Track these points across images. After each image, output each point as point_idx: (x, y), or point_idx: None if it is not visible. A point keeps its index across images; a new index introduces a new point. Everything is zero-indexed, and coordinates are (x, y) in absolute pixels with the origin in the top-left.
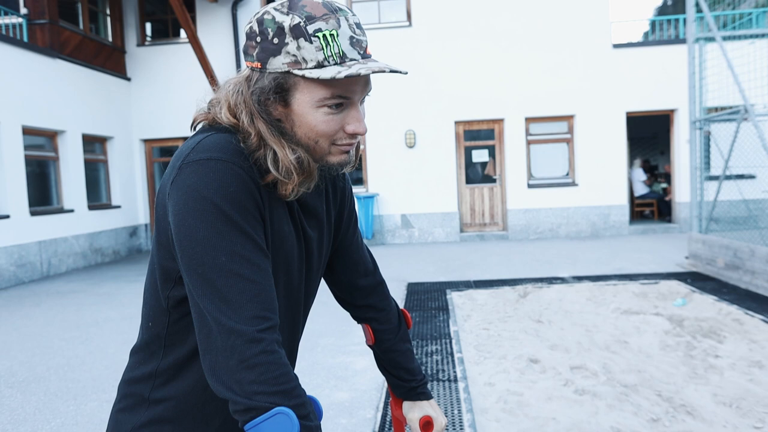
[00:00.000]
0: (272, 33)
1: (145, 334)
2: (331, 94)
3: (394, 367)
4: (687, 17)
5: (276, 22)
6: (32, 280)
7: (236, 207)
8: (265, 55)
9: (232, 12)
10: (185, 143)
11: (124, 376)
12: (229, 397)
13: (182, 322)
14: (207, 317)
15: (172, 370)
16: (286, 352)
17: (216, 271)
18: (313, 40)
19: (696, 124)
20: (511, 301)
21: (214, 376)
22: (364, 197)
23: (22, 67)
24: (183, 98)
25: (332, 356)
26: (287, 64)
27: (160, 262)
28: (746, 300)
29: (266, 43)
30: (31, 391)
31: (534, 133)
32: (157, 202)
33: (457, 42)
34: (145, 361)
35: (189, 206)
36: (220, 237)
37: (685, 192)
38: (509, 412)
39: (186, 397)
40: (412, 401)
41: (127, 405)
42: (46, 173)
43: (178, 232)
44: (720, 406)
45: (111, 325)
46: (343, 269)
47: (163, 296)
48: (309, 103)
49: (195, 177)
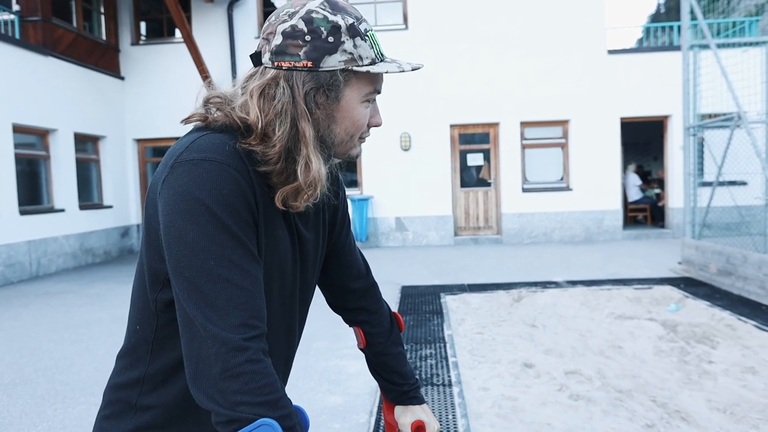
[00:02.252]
0: (326, 32)
1: (133, 338)
2: (374, 89)
3: (386, 370)
4: (682, 24)
5: (329, 21)
6: (21, 280)
7: (228, 210)
8: (319, 53)
9: (228, 13)
10: (179, 141)
11: (110, 382)
12: (211, 407)
13: (171, 326)
14: (192, 322)
15: (160, 375)
16: (283, 359)
17: (204, 275)
18: (366, 39)
19: (690, 130)
20: (506, 305)
21: (195, 384)
22: (359, 199)
23: (14, 64)
24: (177, 98)
25: (326, 360)
26: (344, 61)
27: (149, 262)
28: (739, 306)
29: (320, 42)
30: (18, 394)
31: (529, 137)
32: (148, 200)
33: (453, 45)
34: (132, 366)
35: (179, 207)
36: (210, 240)
37: (678, 198)
38: (504, 417)
39: (175, 404)
40: (404, 405)
41: (113, 411)
42: (37, 172)
43: (167, 233)
44: (714, 412)
45: (101, 327)
46: (336, 272)
47: (152, 299)
48: (357, 99)
49: (187, 177)
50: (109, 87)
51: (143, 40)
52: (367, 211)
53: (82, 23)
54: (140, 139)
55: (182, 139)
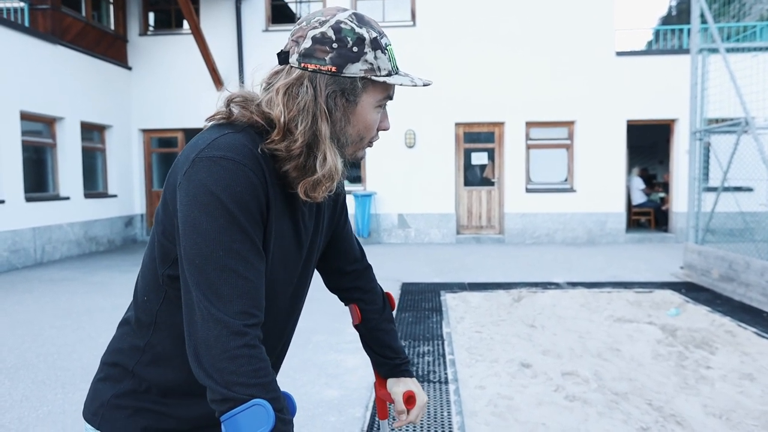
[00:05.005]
0: (352, 42)
1: (138, 308)
2: (386, 96)
3: (379, 345)
4: (691, 28)
5: (356, 33)
6: (25, 267)
7: (240, 207)
8: (343, 61)
9: (236, 5)
10: (201, 136)
11: (109, 347)
12: (208, 384)
13: (176, 302)
14: (197, 305)
15: (160, 347)
16: (278, 346)
17: (212, 263)
18: (385, 53)
19: (696, 134)
20: (505, 305)
21: (197, 361)
22: (362, 195)
23: (23, 52)
24: (183, 89)
25: (324, 353)
26: (364, 70)
27: (160, 240)
28: (739, 312)
29: (345, 50)
30: (19, 378)
31: (534, 137)
32: (167, 184)
33: (460, 43)
34: (134, 333)
35: (197, 199)
36: (222, 232)
37: (682, 202)
38: (499, 416)
39: (172, 376)
40: (396, 378)
41: (108, 374)
42: (43, 160)
43: (184, 222)
44: (710, 418)
45: (102, 315)
46: (335, 257)
47: (160, 273)
48: (371, 104)
49: (206, 173)
50: (116, 77)
51: (151, 30)
52: (370, 207)
53: (91, 12)
54: (146, 130)
55: (204, 133)
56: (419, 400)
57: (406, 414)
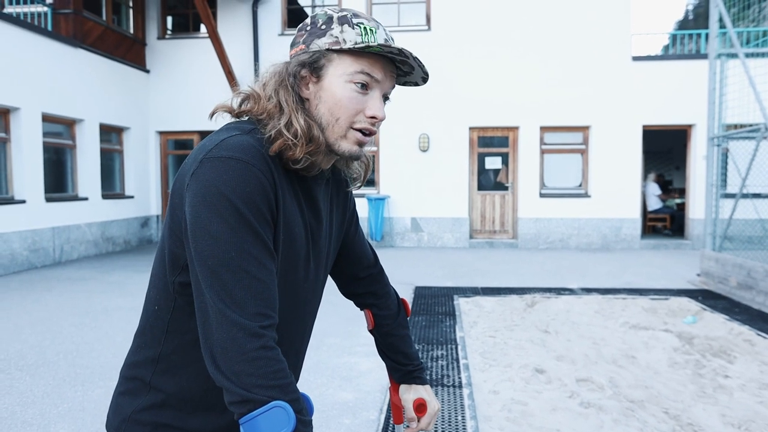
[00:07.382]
0: (321, 21)
1: (150, 318)
2: (360, 68)
3: (393, 351)
4: (710, 32)
5: (327, 15)
6: (44, 266)
7: (250, 207)
8: (311, 38)
9: (252, 9)
10: (209, 138)
11: (127, 360)
12: (226, 386)
13: (187, 309)
14: (212, 308)
15: (174, 356)
16: (294, 350)
17: (225, 265)
18: (355, 28)
19: (714, 140)
20: (519, 310)
21: (214, 364)
22: (375, 199)
23: (46, 55)
24: (200, 92)
25: (337, 356)
26: (328, 43)
27: (170, 247)
28: (759, 321)
29: (314, 29)
30: (40, 375)
31: (548, 142)
32: (174, 189)
33: (475, 47)
34: (148, 344)
35: (206, 200)
36: (233, 233)
37: (699, 208)
38: (513, 421)
39: (188, 387)
40: (408, 384)
41: (128, 388)
42: (63, 161)
43: (193, 224)
44: (728, 427)
45: (120, 314)
46: (347, 264)
47: (170, 281)
48: (339, 76)
49: (214, 173)
50: (134, 80)
51: (169, 34)
52: (383, 211)
53: (111, 17)
54: (163, 132)
55: (213, 135)
56: (430, 408)
57: (416, 421)
